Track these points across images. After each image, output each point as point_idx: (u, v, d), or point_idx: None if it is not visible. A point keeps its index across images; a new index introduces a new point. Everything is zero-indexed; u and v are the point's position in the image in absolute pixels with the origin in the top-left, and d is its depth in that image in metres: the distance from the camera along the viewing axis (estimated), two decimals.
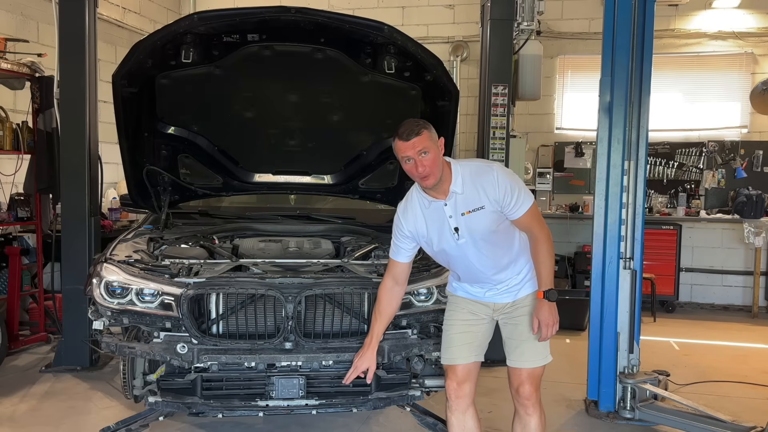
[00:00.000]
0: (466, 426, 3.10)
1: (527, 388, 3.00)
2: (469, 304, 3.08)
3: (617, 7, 4.21)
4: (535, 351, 2.99)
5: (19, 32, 6.25)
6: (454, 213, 2.87)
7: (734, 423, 3.91)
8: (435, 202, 2.89)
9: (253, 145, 4.40)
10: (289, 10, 3.47)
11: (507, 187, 2.81)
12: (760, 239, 7.47)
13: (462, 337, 3.07)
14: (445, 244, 2.94)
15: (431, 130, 2.81)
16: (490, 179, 2.82)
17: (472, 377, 3.09)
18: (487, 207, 2.83)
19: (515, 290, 3.00)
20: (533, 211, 2.88)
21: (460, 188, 2.84)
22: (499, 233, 2.90)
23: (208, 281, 3.28)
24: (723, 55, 8.23)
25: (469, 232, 2.87)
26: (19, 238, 6.04)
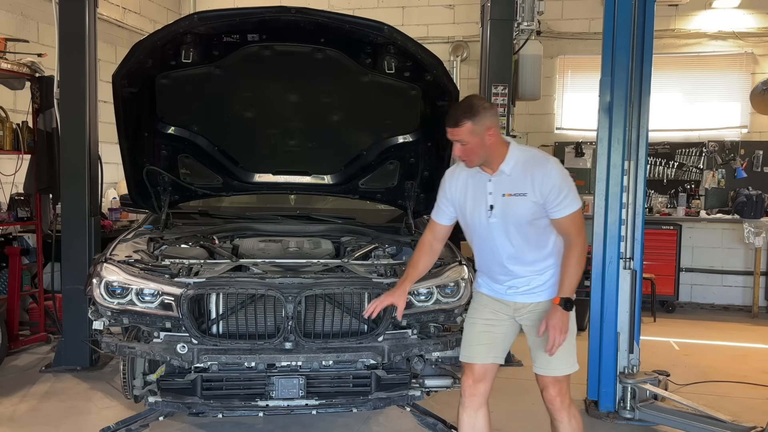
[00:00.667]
0: (477, 425, 3.08)
1: (550, 392, 2.99)
2: (492, 302, 3.04)
3: (617, 7, 4.21)
4: (561, 359, 2.94)
5: (19, 32, 6.25)
6: (495, 191, 2.86)
7: (734, 423, 3.91)
8: (482, 174, 2.90)
9: (253, 145, 4.40)
10: (289, 10, 3.47)
11: (556, 183, 2.79)
12: (760, 239, 7.47)
13: (482, 337, 3.05)
14: (476, 219, 2.92)
15: (477, 121, 2.75)
16: (543, 170, 2.81)
17: (488, 377, 3.07)
18: (529, 195, 2.81)
19: (537, 292, 2.95)
20: (576, 217, 2.84)
21: (509, 170, 2.85)
22: (533, 228, 2.87)
23: (208, 281, 3.28)
24: (723, 55, 8.23)
25: (503, 214, 2.85)
26: (19, 238, 6.04)
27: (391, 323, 3.35)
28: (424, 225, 4.58)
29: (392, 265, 3.65)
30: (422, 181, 4.43)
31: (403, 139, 4.31)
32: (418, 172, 4.40)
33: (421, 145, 4.30)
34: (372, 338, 3.33)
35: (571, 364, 2.98)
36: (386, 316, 3.31)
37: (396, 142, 4.33)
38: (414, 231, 4.36)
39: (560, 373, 2.97)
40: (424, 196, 4.50)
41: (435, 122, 4.14)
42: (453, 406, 4.34)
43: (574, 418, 3.03)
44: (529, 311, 2.98)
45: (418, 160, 4.37)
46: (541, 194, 2.80)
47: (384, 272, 3.52)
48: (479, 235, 2.96)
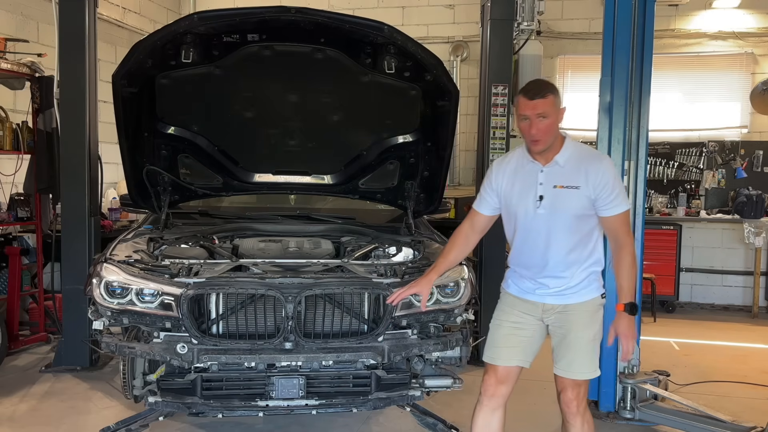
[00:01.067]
0: (491, 426, 3.06)
1: (569, 395, 2.97)
2: (520, 303, 3.01)
3: (617, 7, 4.21)
4: (582, 363, 2.94)
5: (19, 32, 6.25)
6: (546, 182, 2.85)
7: (734, 423, 3.92)
8: (534, 164, 2.89)
9: (253, 145, 4.40)
10: (289, 10, 3.47)
11: (610, 180, 2.80)
12: (760, 239, 7.47)
13: (507, 339, 3.02)
14: (522, 209, 2.89)
15: (557, 97, 2.81)
16: (598, 165, 2.82)
17: (511, 380, 3.05)
18: (582, 189, 2.80)
19: (567, 294, 2.92)
20: (626, 217, 2.86)
21: (563, 161, 2.84)
22: (578, 224, 2.85)
23: (208, 281, 3.28)
24: (723, 55, 8.23)
25: (552, 206, 2.83)
26: (19, 238, 6.04)
27: (391, 323, 3.35)
28: (424, 225, 4.60)
29: (392, 265, 3.64)
30: (422, 181, 4.42)
31: (403, 139, 4.31)
32: (418, 172, 4.40)
33: (421, 145, 4.30)
34: (372, 338, 3.32)
35: (593, 369, 2.97)
36: (386, 316, 3.31)
37: (396, 142, 4.33)
38: (414, 231, 4.36)
39: (581, 376, 2.95)
40: (425, 196, 4.50)
41: (435, 122, 4.14)
42: (453, 406, 4.36)
43: (587, 424, 3.01)
44: (558, 312, 2.95)
45: (418, 160, 4.36)
46: (594, 189, 2.79)
47: (384, 272, 3.52)
48: (522, 226, 2.92)
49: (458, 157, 8.53)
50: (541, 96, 2.77)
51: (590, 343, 2.94)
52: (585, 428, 3.01)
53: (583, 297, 2.91)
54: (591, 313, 2.94)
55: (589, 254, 2.91)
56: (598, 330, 2.96)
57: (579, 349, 2.93)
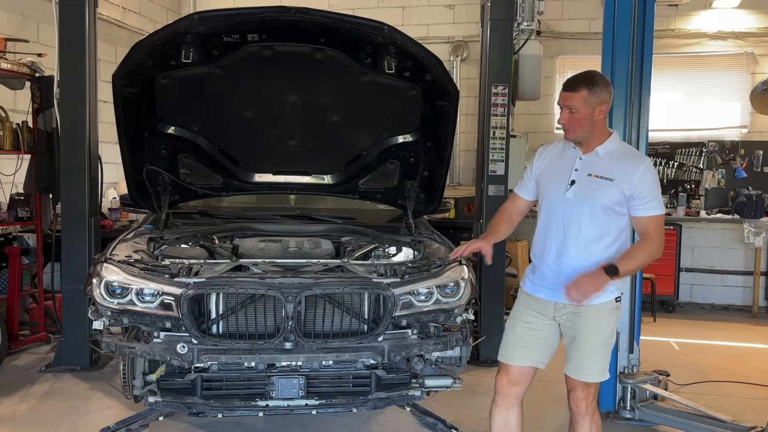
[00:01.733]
0: (509, 423, 3.07)
1: (578, 394, 2.98)
2: (533, 302, 3.02)
3: (617, 7, 4.21)
4: (591, 366, 2.93)
5: (19, 32, 6.25)
6: (582, 168, 2.88)
7: (734, 423, 3.92)
8: (575, 150, 2.94)
9: (253, 145, 4.40)
10: (289, 10, 3.47)
11: (649, 182, 2.81)
12: (760, 239, 7.47)
13: (521, 339, 3.03)
14: (552, 191, 2.93)
15: (594, 91, 2.80)
16: (637, 165, 2.83)
17: (524, 380, 3.05)
18: (615, 183, 2.81)
19: None
20: (659, 221, 2.85)
21: (603, 153, 2.87)
22: (605, 217, 2.84)
23: (208, 281, 3.28)
24: (723, 55, 8.24)
25: (582, 192, 2.85)
26: (19, 238, 6.04)
27: (391, 323, 3.35)
28: (424, 225, 4.60)
29: (392, 265, 3.64)
30: (422, 181, 4.42)
31: (403, 139, 4.31)
32: (418, 172, 4.40)
33: (421, 145, 4.30)
34: (372, 338, 3.32)
35: (602, 372, 2.96)
36: (386, 316, 3.31)
37: (396, 142, 4.33)
38: (414, 231, 4.36)
39: (590, 379, 2.95)
40: (424, 196, 4.50)
41: (435, 122, 4.14)
42: (453, 406, 4.36)
43: (595, 425, 3.01)
44: (569, 312, 2.94)
45: (418, 160, 4.36)
46: (630, 187, 2.79)
47: (384, 272, 3.52)
48: (550, 208, 2.95)
49: (458, 157, 8.54)
50: (571, 89, 2.84)
51: (601, 346, 2.93)
52: (593, 429, 3.00)
53: (596, 299, 2.87)
54: (603, 316, 2.92)
55: (610, 257, 2.87)
56: (610, 334, 2.94)
57: (589, 352, 2.92)
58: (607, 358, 2.95)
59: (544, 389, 4.58)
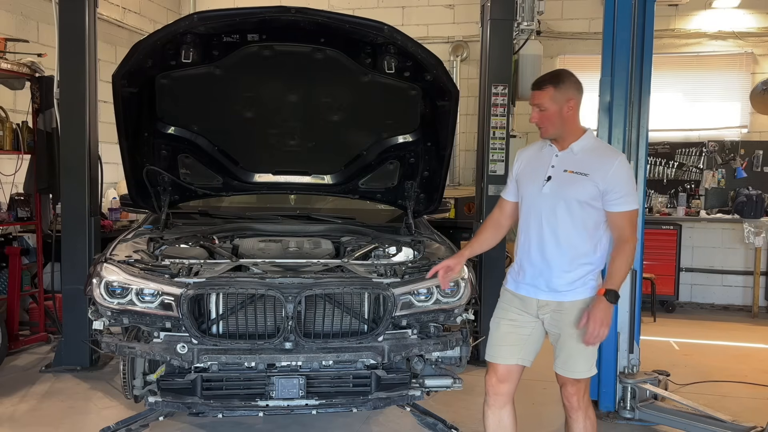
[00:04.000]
0: (502, 422, 3.08)
1: (568, 390, 3.01)
2: (517, 300, 3.03)
3: (617, 7, 4.21)
4: (578, 362, 2.95)
5: (19, 32, 6.25)
6: (558, 165, 2.92)
7: (734, 423, 3.91)
8: (551, 148, 2.99)
9: (253, 145, 4.40)
10: (289, 10, 3.47)
11: (623, 177, 2.85)
12: (760, 239, 7.47)
13: (506, 338, 3.05)
14: (530, 188, 2.98)
15: (560, 88, 2.87)
16: (611, 161, 2.86)
17: (513, 378, 3.07)
18: (590, 177, 2.84)
19: (562, 291, 2.92)
20: (633, 216, 2.87)
21: (578, 149, 2.92)
22: (582, 212, 2.87)
23: (208, 281, 3.28)
24: (723, 55, 8.24)
25: (558, 188, 2.89)
26: (19, 238, 6.04)
27: (390, 323, 3.35)
28: (424, 225, 4.60)
29: (392, 265, 3.64)
30: (422, 181, 4.42)
31: (403, 139, 4.31)
32: (418, 172, 4.40)
33: (421, 145, 4.30)
34: (372, 338, 3.32)
35: (588, 368, 2.97)
36: (386, 316, 3.31)
37: (396, 142, 4.33)
38: (414, 231, 4.36)
39: (577, 375, 2.96)
40: (424, 196, 4.50)
41: (435, 122, 4.14)
42: (453, 406, 4.36)
43: (588, 420, 3.03)
44: (552, 310, 2.95)
45: (418, 160, 4.36)
46: (604, 181, 2.82)
47: (384, 272, 3.52)
48: (528, 206, 2.99)
49: (458, 157, 8.53)
50: (538, 88, 2.93)
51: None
52: (587, 423, 3.03)
53: (577, 295, 2.91)
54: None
55: (588, 251, 2.91)
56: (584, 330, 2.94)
57: (574, 349, 2.94)
58: (594, 354, 2.97)
59: (545, 389, 4.58)
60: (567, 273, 2.91)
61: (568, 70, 3.01)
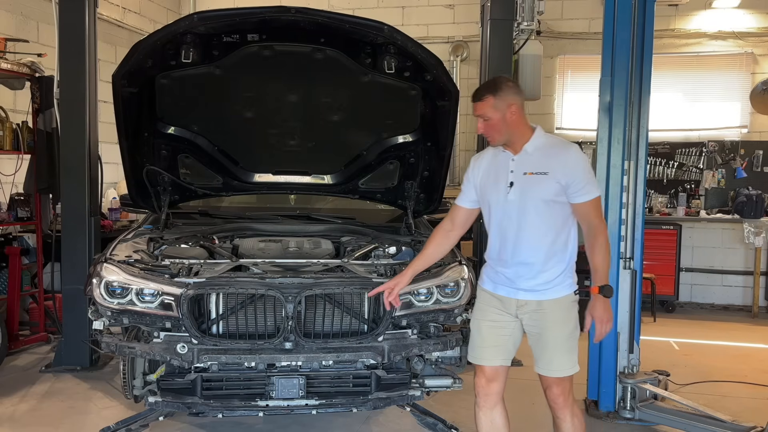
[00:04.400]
0: (495, 423, 3.09)
1: (554, 391, 3.01)
2: (495, 300, 3.04)
3: (617, 7, 4.21)
4: (561, 361, 2.96)
5: (19, 32, 6.25)
6: (516, 169, 2.93)
7: (734, 423, 3.91)
8: (505, 153, 2.99)
9: (253, 145, 4.40)
10: (289, 10, 3.47)
11: (579, 167, 2.87)
12: (760, 239, 7.47)
13: (488, 339, 3.05)
14: (494, 197, 2.98)
15: (499, 95, 2.88)
16: (566, 153, 2.90)
17: (500, 377, 3.08)
18: (551, 175, 2.86)
19: (540, 290, 2.93)
20: (596, 203, 2.91)
21: (532, 150, 2.93)
22: (549, 211, 2.89)
23: (208, 281, 3.28)
24: (723, 55, 8.24)
25: (522, 192, 2.90)
26: (19, 238, 6.04)
27: (391, 323, 3.35)
28: (424, 225, 4.60)
29: (392, 265, 3.64)
30: (422, 181, 4.42)
31: (403, 139, 4.31)
32: (418, 172, 4.40)
33: (421, 145, 4.30)
34: (372, 338, 3.33)
35: (572, 365, 2.99)
36: (386, 316, 3.31)
37: (396, 142, 4.33)
38: (414, 231, 4.36)
39: (562, 374, 2.98)
40: (424, 196, 4.50)
41: (435, 122, 4.14)
42: (453, 406, 4.36)
43: (576, 417, 3.05)
44: (531, 310, 2.96)
45: (418, 160, 4.36)
46: (564, 175, 2.85)
47: (384, 272, 3.52)
48: (496, 213, 2.99)
49: (458, 157, 8.54)
50: (477, 99, 2.93)
51: (567, 340, 2.95)
52: (575, 421, 3.04)
53: (557, 293, 2.93)
54: (565, 310, 2.95)
55: (562, 246, 2.94)
56: (573, 327, 2.97)
57: (557, 348, 2.95)
58: (575, 351, 2.99)
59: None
60: (543, 273, 2.93)
61: (505, 75, 3.05)
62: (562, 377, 2.98)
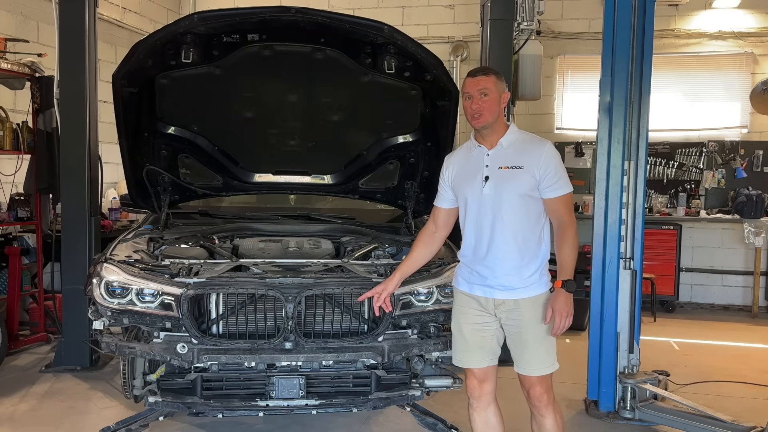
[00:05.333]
0: (489, 422, 3.10)
1: (537, 390, 3.00)
2: (473, 302, 3.02)
3: (617, 7, 4.21)
4: (540, 359, 2.97)
5: (19, 32, 6.25)
6: (492, 164, 2.95)
7: (734, 423, 3.91)
8: (480, 148, 3.00)
9: (253, 145, 4.40)
10: (289, 10, 3.47)
11: (553, 163, 2.90)
12: (760, 239, 7.47)
13: (472, 342, 3.05)
14: (470, 192, 2.98)
15: (500, 79, 2.96)
16: (540, 149, 2.92)
17: (491, 377, 3.08)
18: (525, 169, 2.89)
19: (516, 288, 2.92)
20: (568, 199, 2.94)
21: (507, 144, 2.96)
22: (524, 205, 2.90)
23: (208, 281, 3.28)
24: (723, 55, 8.23)
25: (497, 186, 2.91)
26: (19, 238, 6.04)
27: (391, 323, 3.35)
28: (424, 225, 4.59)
29: (392, 265, 3.64)
30: (422, 181, 4.43)
31: (403, 139, 4.32)
32: (418, 172, 4.40)
33: (421, 145, 4.30)
34: (372, 338, 3.33)
35: (551, 362, 2.99)
36: (386, 316, 3.31)
37: (396, 142, 4.33)
38: (414, 231, 4.36)
39: (543, 372, 2.98)
40: (424, 196, 4.50)
41: (435, 122, 4.14)
42: (453, 406, 4.36)
43: (559, 414, 3.06)
44: (509, 309, 2.95)
45: (418, 160, 4.37)
46: (538, 170, 2.88)
47: (384, 272, 3.52)
48: (471, 209, 2.99)
49: None
50: (482, 73, 2.96)
51: (545, 338, 2.95)
52: (557, 418, 3.04)
53: (533, 291, 2.93)
54: (542, 308, 2.94)
55: (536, 243, 2.94)
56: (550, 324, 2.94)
57: (535, 346, 2.95)
58: (554, 348, 3.00)
59: None
60: (518, 269, 2.92)
61: None
62: (543, 375, 2.98)
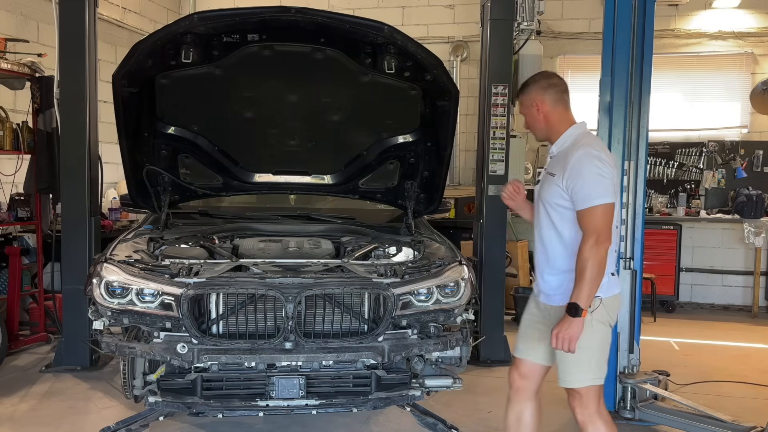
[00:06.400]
0: (522, 420, 3.06)
1: (570, 401, 2.89)
2: (533, 298, 3.09)
3: (617, 7, 4.21)
4: (568, 370, 2.82)
5: (19, 32, 6.25)
6: (546, 168, 2.97)
7: (734, 423, 3.91)
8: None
9: (253, 145, 4.40)
10: (289, 10, 3.47)
11: (577, 170, 2.70)
12: (760, 239, 7.47)
13: (527, 332, 3.07)
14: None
15: (525, 92, 2.94)
16: (571, 155, 2.76)
17: (534, 377, 3.04)
18: (557, 177, 2.81)
19: (550, 294, 2.91)
20: (589, 213, 2.67)
21: (557, 150, 2.94)
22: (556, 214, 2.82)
23: (208, 281, 3.28)
24: (723, 55, 8.24)
25: (538, 192, 2.95)
26: (19, 238, 6.04)
27: (391, 323, 3.35)
28: (424, 225, 4.61)
29: (392, 265, 3.64)
30: (422, 181, 4.43)
31: (403, 139, 4.31)
32: (418, 172, 4.40)
33: (421, 145, 4.30)
34: (372, 338, 3.32)
35: (579, 378, 2.81)
36: (386, 316, 3.31)
37: (396, 142, 4.33)
38: (414, 231, 4.36)
39: (567, 384, 2.86)
40: (425, 196, 4.50)
41: (435, 122, 4.14)
42: (453, 406, 4.36)
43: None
44: (548, 314, 2.95)
45: (418, 160, 4.36)
46: (564, 178, 2.75)
47: (384, 272, 3.52)
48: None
49: (458, 157, 8.54)
50: (520, 91, 2.99)
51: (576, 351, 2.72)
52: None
53: (557, 301, 2.86)
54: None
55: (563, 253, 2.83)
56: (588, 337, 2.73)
57: (562, 356, 2.82)
58: (587, 363, 2.78)
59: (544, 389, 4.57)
60: (551, 276, 2.91)
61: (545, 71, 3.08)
62: (571, 389, 2.85)
